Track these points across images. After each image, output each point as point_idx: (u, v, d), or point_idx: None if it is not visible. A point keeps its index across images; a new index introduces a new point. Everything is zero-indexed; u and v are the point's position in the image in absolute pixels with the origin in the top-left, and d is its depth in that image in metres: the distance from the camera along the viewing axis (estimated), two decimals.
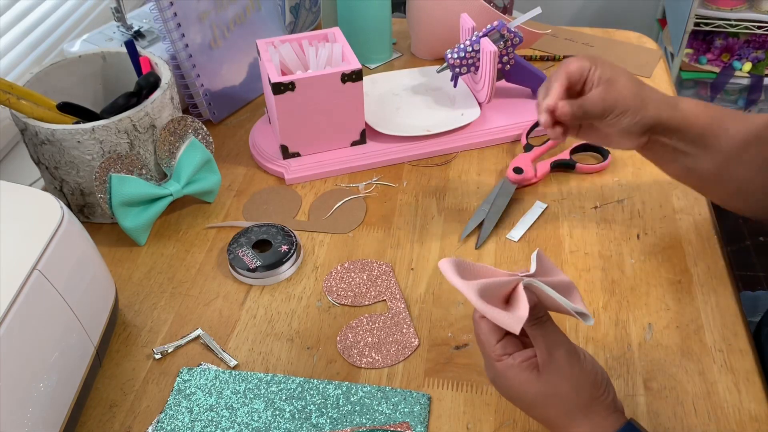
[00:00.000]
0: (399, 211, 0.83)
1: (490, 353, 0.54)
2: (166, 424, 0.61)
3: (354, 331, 0.69)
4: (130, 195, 0.75)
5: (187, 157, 0.80)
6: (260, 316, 0.71)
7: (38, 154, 0.77)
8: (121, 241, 0.80)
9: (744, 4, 1.96)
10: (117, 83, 0.86)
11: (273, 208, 0.84)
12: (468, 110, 0.94)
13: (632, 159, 0.90)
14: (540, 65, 1.09)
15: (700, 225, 0.80)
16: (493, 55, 0.87)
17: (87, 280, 0.63)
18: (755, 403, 0.61)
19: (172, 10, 0.88)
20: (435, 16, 1.04)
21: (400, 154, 0.90)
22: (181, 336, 0.69)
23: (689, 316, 0.69)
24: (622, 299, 0.71)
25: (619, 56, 1.11)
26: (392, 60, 1.12)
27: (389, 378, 0.65)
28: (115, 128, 0.74)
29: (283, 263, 0.74)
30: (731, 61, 2.05)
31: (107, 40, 0.94)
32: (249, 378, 0.64)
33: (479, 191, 0.86)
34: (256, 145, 0.92)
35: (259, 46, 0.87)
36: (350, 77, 0.84)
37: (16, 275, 0.54)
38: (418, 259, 0.77)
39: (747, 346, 0.66)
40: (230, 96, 1.00)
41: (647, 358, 0.65)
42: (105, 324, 0.66)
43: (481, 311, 0.52)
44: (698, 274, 0.74)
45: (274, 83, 0.81)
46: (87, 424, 0.62)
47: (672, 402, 0.62)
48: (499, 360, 0.54)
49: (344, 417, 0.61)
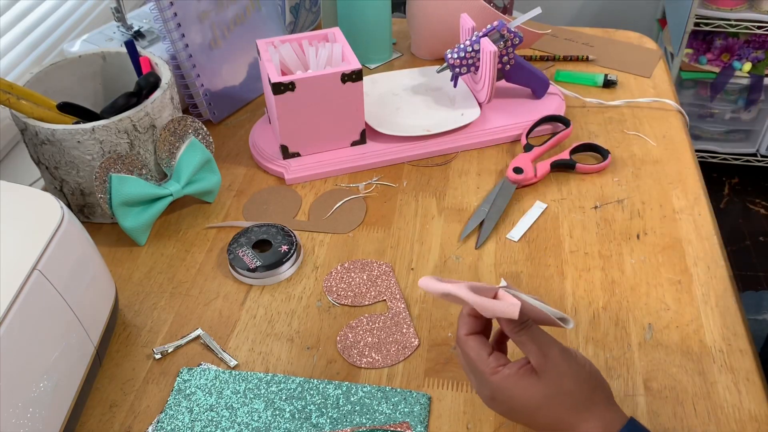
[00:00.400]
0: (399, 211, 0.83)
1: (483, 369, 0.53)
2: (166, 424, 0.61)
3: (354, 331, 0.69)
4: (130, 195, 0.75)
5: (187, 157, 0.80)
6: (260, 316, 0.71)
7: (38, 154, 0.77)
8: (121, 241, 0.80)
9: (744, 4, 1.96)
10: (117, 83, 0.86)
11: (273, 208, 0.84)
12: (468, 110, 0.94)
13: (632, 159, 0.90)
14: (540, 65, 1.09)
15: (700, 225, 0.80)
16: (493, 55, 0.87)
17: (87, 280, 0.63)
18: (755, 403, 0.61)
19: (172, 10, 0.88)
20: (435, 16, 1.04)
21: (400, 154, 0.90)
22: (181, 336, 0.69)
23: (689, 316, 0.69)
24: (622, 299, 0.71)
25: (619, 56, 1.11)
26: (392, 60, 1.12)
27: (389, 378, 0.65)
28: (115, 128, 0.74)
29: (283, 263, 0.74)
30: (731, 61, 2.05)
31: (107, 40, 0.94)
32: (249, 378, 0.64)
33: (479, 191, 0.86)
34: (256, 145, 0.92)
35: (259, 46, 0.87)
36: (350, 77, 0.84)
37: (16, 275, 0.54)
38: (418, 259, 0.77)
39: (747, 346, 0.66)
40: (230, 96, 1.00)
41: (647, 358, 0.65)
42: (105, 324, 0.66)
43: (475, 303, 0.51)
44: (698, 274, 0.74)
45: (274, 83, 0.81)
46: (87, 424, 0.62)
47: (672, 402, 0.62)
48: (495, 373, 0.53)
49: (344, 417, 0.61)
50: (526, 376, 0.52)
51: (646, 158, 0.90)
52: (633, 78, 1.06)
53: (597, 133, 0.95)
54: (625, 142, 0.93)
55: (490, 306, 0.51)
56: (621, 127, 0.96)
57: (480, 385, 0.55)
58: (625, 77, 1.06)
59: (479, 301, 0.51)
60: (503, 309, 0.50)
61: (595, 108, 1.00)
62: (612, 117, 0.98)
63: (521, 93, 0.99)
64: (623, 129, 0.95)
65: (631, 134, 0.94)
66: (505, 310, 0.50)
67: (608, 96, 1.02)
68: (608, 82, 1.03)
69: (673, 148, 0.92)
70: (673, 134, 0.94)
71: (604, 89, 1.03)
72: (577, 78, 1.05)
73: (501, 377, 0.52)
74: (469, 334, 0.55)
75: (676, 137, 0.94)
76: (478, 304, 0.51)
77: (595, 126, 0.96)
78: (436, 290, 0.53)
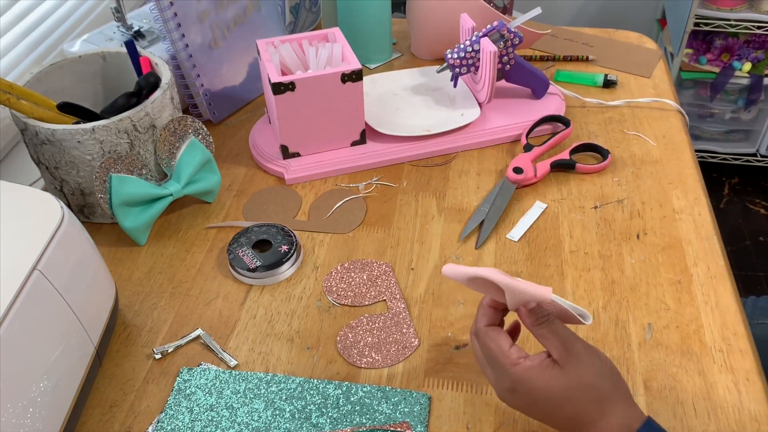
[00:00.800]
0: (399, 211, 0.83)
1: (504, 360, 0.53)
2: (166, 424, 0.61)
3: (354, 331, 0.69)
4: (131, 195, 0.75)
5: (187, 157, 0.80)
6: (260, 316, 0.71)
7: (38, 154, 0.77)
8: (121, 241, 0.80)
9: (744, 4, 1.96)
10: (117, 83, 0.86)
11: (273, 208, 0.84)
12: (468, 110, 0.94)
13: (632, 159, 0.90)
14: (540, 65, 1.09)
15: (700, 225, 0.80)
16: (493, 55, 0.87)
17: (87, 280, 0.63)
18: (755, 403, 0.61)
19: (172, 10, 0.88)
20: (435, 16, 1.04)
21: (400, 154, 0.90)
22: (181, 336, 0.69)
23: (689, 316, 0.69)
24: (622, 299, 0.71)
25: (619, 56, 1.11)
26: (392, 60, 1.12)
27: (389, 378, 0.65)
28: (115, 128, 0.74)
29: (283, 263, 0.74)
30: (731, 61, 2.05)
31: (107, 40, 0.94)
32: (249, 378, 0.64)
33: (479, 191, 0.86)
34: (256, 145, 0.92)
35: (259, 46, 0.87)
36: (350, 77, 0.84)
37: (16, 275, 0.54)
38: (418, 259, 0.77)
39: (747, 346, 0.66)
40: (230, 96, 1.00)
41: (647, 357, 0.65)
42: (105, 324, 0.66)
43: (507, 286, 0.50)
44: (698, 274, 0.74)
45: (274, 83, 0.81)
46: (87, 424, 0.62)
47: (672, 402, 0.62)
48: (516, 364, 0.52)
49: (344, 417, 0.61)
50: (549, 368, 0.51)
51: (646, 158, 0.90)
52: (633, 78, 1.06)
53: (597, 133, 0.95)
54: (625, 142, 0.93)
55: (523, 287, 0.49)
56: (621, 127, 0.96)
57: (499, 377, 0.54)
58: (625, 77, 1.06)
59: (511, 283, 0.50)
60: (535, 290, 0.49)
61: (595, 108, 1.00)
62: (612, 117, 0.98)
63: (521, 93, 0.99)
64: (623, 129, 0.95)
65: (631, 134, 0.94)
66: (536, 292, 0.49)
67: (608, 96, 1.02)
68: (608, 82, 1.03)
69: (673, 148, 0.92)
70: (673, 134, 0.94)
71: (604, 89, 1.03)
72: (577, 78, 1.05)
73: (523, 369, 0.52)
74: (489, 326, 0.55)
75: (676, 137, 0.94)
76: (509, 286, 0.50)
77: (595, 126, 0.96)
78: (463, 275, 0.52)
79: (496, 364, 0.54)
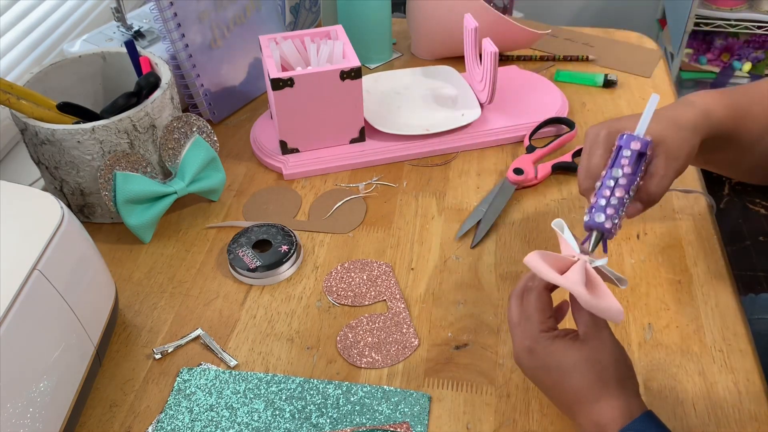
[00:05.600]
0: (399, 211, 0.83)
1: (538, 321, 0.56)
2: (166, 424, 0.61)
3: (354, 331, 0.69)
4: (135, 192, 0.75)
5: (191, 156, 0.80)
6: (260, 316, 0.71)
7: (38, 154, 0.77)
8: (121, 241, 0.80)
9: (744, 4, 1.96)
10: (117, 83, 0.86)
11: (273, 208, 0.84)
12: (469, 111, 0.94)
13: None
14: (540, 65, 1.09)
15: (700, 225, 0.80)
16: (494, 55, 0.87)
17: (87, 280, 0.63)
18: (755, 403, 0.61)
19: (172, 10, 0.88)
20: (435, 16, 1.04)
21: (400, 153, 0.90)
22: (181, 336, 0.69)
23: (689, 316, 0.69)
24: (622, 299, 0.71)
25: (619, 56, 1.11)
26: (392, 60, 1.12)
27: (389, 378, 0.65)
28: (115, 128, 0.74)
29: (283, 263, 0.74)
30: (731, 61, 2.05)
31: (107, 40, 0.94)
32: (249, 378, 0.64)
33: (479, 191, 0.86)
34: (257, 140, 0.92)
35: (261, 42, 0.87)
36: (349, 75, 0.84)
37: (16, 275, 0.54)
38: (418, 259, 0.77)
39: (747, 346, 0.66)
40: (230, 96, 1.00)
41: (647, 358, 0.65)
42: (105, 324, 0.66)
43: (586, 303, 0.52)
44: (698, 274, 0.74)
45: (273, 79, 0.82)
46: (87, 424, 0.62)
47: (672, 402, 0.62)
48: (547, 330, 0.56)
49: (344, 417, 0.61)
50: (571, 341, 0.55)
51: None
52: (633, 78, 1.06)
53: None
54: None
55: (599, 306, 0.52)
56: None
57: (524, 335, 0.56)
58: (625, 77, 1.06)
59: (592, 303, 0.52)
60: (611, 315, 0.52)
61: (595, 108, 1.00)
62: (612, 117, 0.98)
63: (522, 94, 0.99)
64: None
65: None
66: (611, 316, 0.52)
67: (608, 96, 1.02)
68: (608, 82, 1.03)
69: None
70: None
71: (604, 89, 1.03)
72: (577, 78, 1.05)
73: (550, 335, 0.55)
74: (544, 290, 0.57)
75: None
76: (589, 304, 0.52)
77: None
78: (544, 277, 0.55)
79: (529, 323, 0.56)
